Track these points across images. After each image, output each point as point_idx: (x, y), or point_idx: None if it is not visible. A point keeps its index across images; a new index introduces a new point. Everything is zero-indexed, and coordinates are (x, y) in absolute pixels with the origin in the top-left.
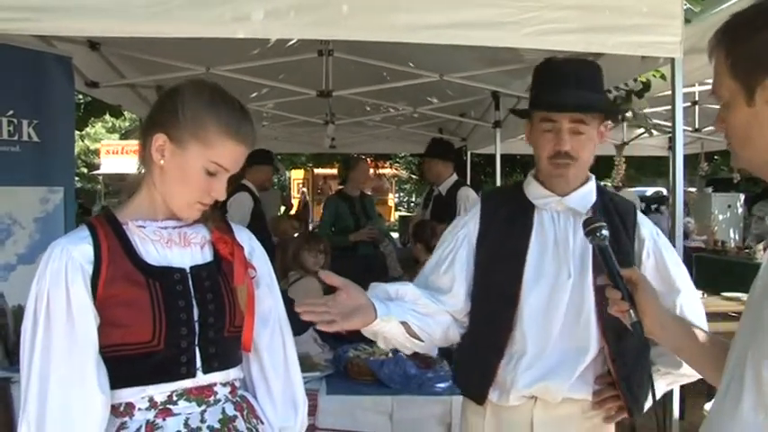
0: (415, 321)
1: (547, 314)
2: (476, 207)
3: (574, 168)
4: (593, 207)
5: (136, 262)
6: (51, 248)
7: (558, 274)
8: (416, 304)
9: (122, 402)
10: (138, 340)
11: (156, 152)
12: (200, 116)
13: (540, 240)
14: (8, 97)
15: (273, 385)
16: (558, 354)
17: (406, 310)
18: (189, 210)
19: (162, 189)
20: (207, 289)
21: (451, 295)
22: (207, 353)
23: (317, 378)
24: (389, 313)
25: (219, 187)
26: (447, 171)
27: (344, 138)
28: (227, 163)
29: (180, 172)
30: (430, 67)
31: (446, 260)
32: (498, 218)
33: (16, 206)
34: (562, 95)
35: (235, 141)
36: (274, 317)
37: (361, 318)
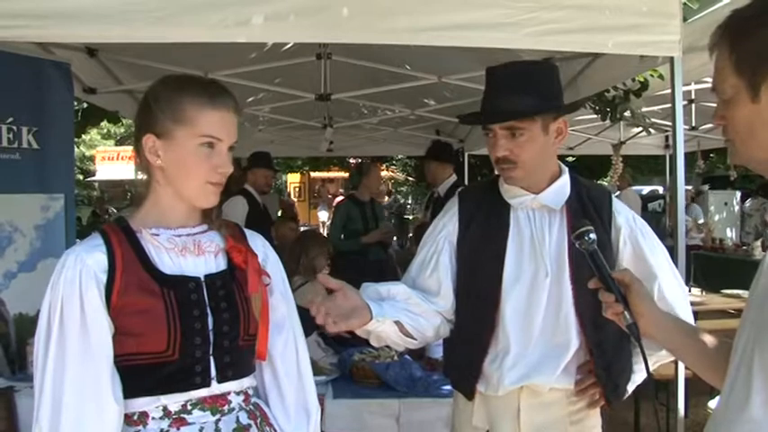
0: (408, 321)
1: (527, 313)
2: (453, 207)
3: (519, 171)
4: (567, 202)
5: (150, 270)
6: (65, 256)
7: (536, 273)
8: (408, 303)
9: (136, 411)
10: (152, 350)
11: (150, 155)
12: (173, 101)
13: (517, 240)
14: (8, 105)
15: (286, 392)
16: (540, 350)
17: (399, 310)
18: (204, 195)
19: (171, 188)
20: (221, 298)
21: (440, 297)
22: (221, 362)
23: (322, 382)
24: (384, 314)
25: (221, 161)
26: (446, 172)
27: (342, 141)
28: (216, 131)
29: (178, 162)
30: (427, 69)
31: (430, 263)
32: (476, 218)
33: (17, 213)
34: (488, 104)
35: (213, 108)
36: (288, 324)
37: (358, 319)
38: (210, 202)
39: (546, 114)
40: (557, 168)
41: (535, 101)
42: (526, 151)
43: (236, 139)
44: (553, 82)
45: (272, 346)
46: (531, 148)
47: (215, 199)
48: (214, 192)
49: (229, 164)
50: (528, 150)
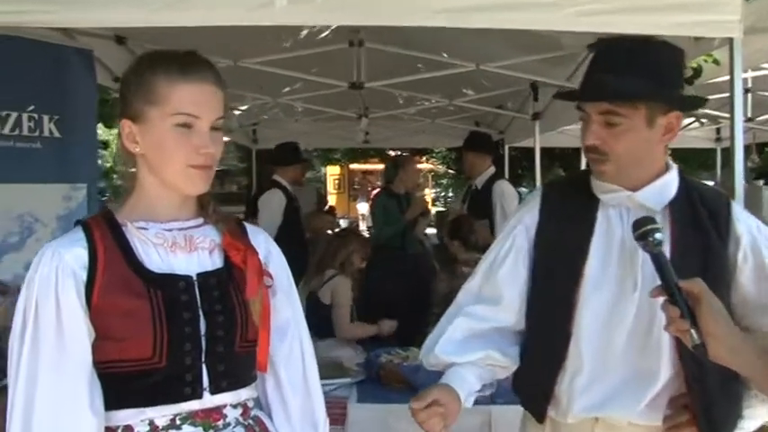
0: (488, 377)
1: (608, 328)
2: (535, 198)
3: (610, 165)
4: (671, 203)
5: (135, 268)
6: (42, 251)
7: (622, 282)
8: (493, 366)
9: (120, 425)
10: (136, 356)
11: (128, 142)
12: (143, 81)
13: (605, 241)
14: (28, 92)
15: (291, 403)
16: (621, 376)
17: (482, 374)
18: (188, 181)
19: (155, 177)
20: (215, 299)
21: (504, 307)
22: (215, 371)
23: (347, 384)
24: (471, 392)
25: (202, 141)
26: (484, 164)
27: (379, 132)
28: (189, 108)
29: (156, 146)
30: (465, 56)
31: (505, 261)
32: (559, 212)
33: (38, 204)
34: (586, 81)
35: (184, 82)
36: (293, 328)
37: (452, 414)
38: (198, 189)
39: (654, 103)
40: (662, 166)
41: (643, 84)
42: (621, 144)
43: (219, 114)
44: (673, 66)
45: (275, 353)
46: (629, 142)
47: (203, 184)
48: (200, 176)
49: (211, 145)
50: (624, 143)
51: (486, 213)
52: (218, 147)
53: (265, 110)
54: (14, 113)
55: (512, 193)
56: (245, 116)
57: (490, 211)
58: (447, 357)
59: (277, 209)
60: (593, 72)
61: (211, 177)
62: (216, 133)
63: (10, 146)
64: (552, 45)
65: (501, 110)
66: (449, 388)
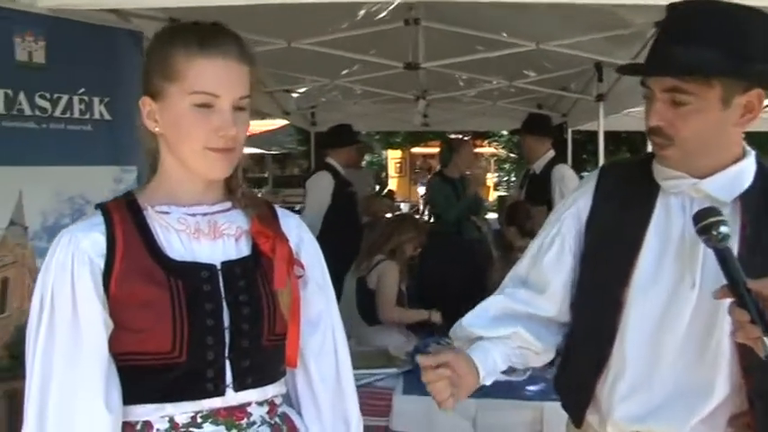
0: (517, 361)
1: (658, 330)
2: (590, 181)
3: (675, 150)
4: (744, 194)
5: (155, 256)
6: (59, 236)
7: (679, 280)
8: (523, 346)
9: (139, 420)
10: (155, 350)
11: (149, 120)
12: (162, 55)
13: (662, 232)
14: (79, 75)
15: (322, 400)
16: (671, 386)
17: (510, 353)
18: (208, 164)
19: (175, 158)
20: (241, 290)
21: (548, 296)
22: (239, 366)
23: (393, 375)
24: (494, 371)
25: (222, 121)
26: (543, 148)
27: (438, 115)
28: (208, 86)
29: (174, 125)
30: (525, 35)
31: (551, 247)
32: (615, 196)
33: (89, 186)
34: (654, 53)
35: (203, 57)
36: (326, 320)
37: (467, 386)
38: (218, 173)
39: (732, 79)
40: (737, 152)
41: (719, 57)
42: (689, 126)
43: (243, 93)
44: (757, 36)
45: (306, 347)
46: (697, 124)
47: (223, 169)
48: (220, 159)
49: (235, 125)
50: (692, 125)
51: (545, 199)
52: (241, 128)
53: (324, 92)
54: (65, 96)
55: (572, 177)
56: (303, 99)
57: (549, 197)
58: (473, 330)
59: (325, 191)
60: (660, 42)
61: (234, 161)
62: (240, 113)
63: (61, 128)
64: (617, 22)
65: (563, 91)
66: (468, 359)
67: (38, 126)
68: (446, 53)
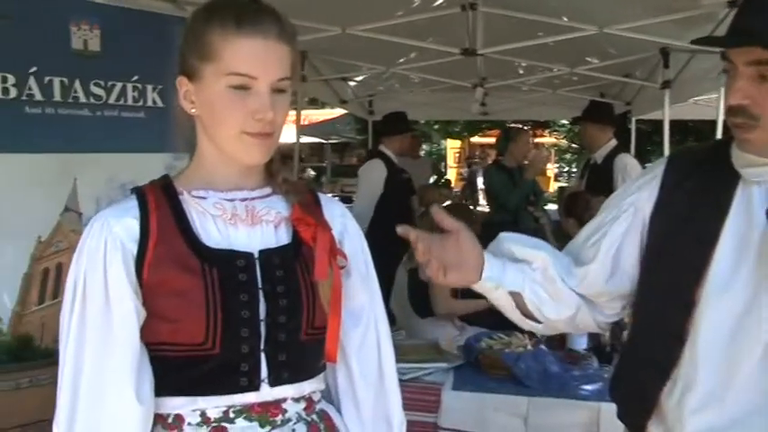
0: (531, 297)
1: (735, 338)
2: (657, 168)
3: (760, 133)
4: None
5: (190, 242)
6: (93, 220)
7: (760, 281)
8: (544, 276)
9: (171, 413)
10: (187, 341)
11: (185, 101)
12: (198, 33)
13: (742, 226)
14: (133, 62)
15: (363, 398)
16: (749, 402)
17: (526, 280)
18: (244, 149)
19: (211, 142)
20: (279, 280)
21: (587, 272)
22: (275, 361)
23: (443, 369)
24: (500, 279)
25: (259, 104)
26: (604, 137)
27: (497, 104)
28: (245, 66)
29: (209, 107)
30: (587, 19)
31: (600, 230)
32: (684, 186)
33: (141, 173)
34: (734, 22)
35: (240, 36)
36: (369, 314)
37: (463, 275)
38: (254, 159)
39: None
40: None
41: None
42: None
43: (283, 74)
44: None
45: (347, 342)
46: None
47: (260, 155)
48: (257, 145)
49: (273, 108)
50: None
51: (606, 189)
52: (279, 112)
53: (381, 81)
54: (119, 84)
55: (636, 166)
56: (360, 87)
57: (610, 187)
58: (503, 241)
59: (377, 180)
60: (743, 11)
61: (272, 147)
62: (279, 96)
63: (115, 116)
64: (686, 3)
65: (627, 78)
66: (477, 250)
67: (92, 113)
68: (505, 39)
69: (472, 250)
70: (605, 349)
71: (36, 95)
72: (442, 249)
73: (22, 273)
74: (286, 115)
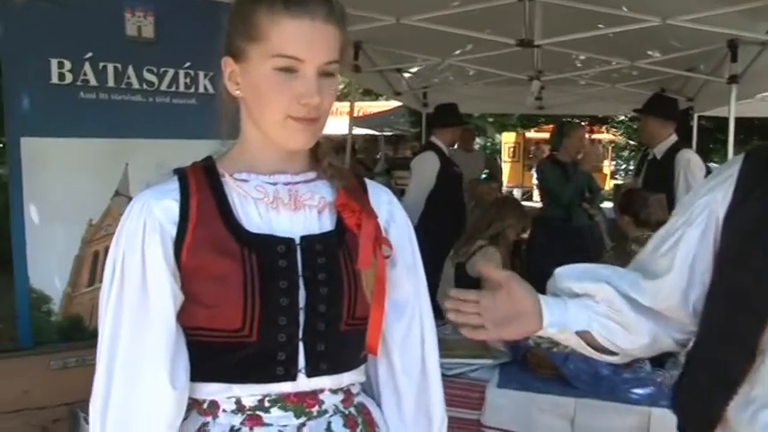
0: (601, 332)
1: None
2: (732, 167)
3: None
4: None
5: (230, 226)
6: (132, 202)
7: None
8: (609, 308)
9: (207, 399)
10: (225, 327)
11: (230, 82)
12: (245, 13)
13: None
14: (185, 49)
15: (404, 394)
16: None
17: (591, 317)
18: (288, 134)
19: (255, 125)
20: (320, 267)
21: (662, 284)
22: (314, 351)
23: (489, 366)
24: (563, 324)
25: (306, 88)
26: (665, 131)
27: (553, 98)
28: (292, 49)
29: (254, 90)
30: (650, 10)
31: (671, 237)
32: (762, 186)
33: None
34: None
35: (288, 16)
36: (414, 306)
37: (522, 326)
38: (298, 144)
39: None
40: None
41: None
42: None
43: (332, 57)
44: None
45: (390, 334)
46: None
47: (304, 140)
48: (302, 130)
49: (320, 92)
50: None
51: (665, 186)
52: (326, 97)
53: (435, 72)
54: (172, 70)
55: (699, 164)
56: (415, 79)
57: (669, 185)
58: (560, 278)
59: (429, 172)
60: None
61: (318, 132)
62: (327, 80)
63: (167, 102)
64: None
65: (691, 72)
66: (532, 297)
67: (144, 100)
68: (562, 30)
69: (527, 298)
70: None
71: (91, 81)
72: (494, 307)
73: (73, 255)
74: (333, 100)
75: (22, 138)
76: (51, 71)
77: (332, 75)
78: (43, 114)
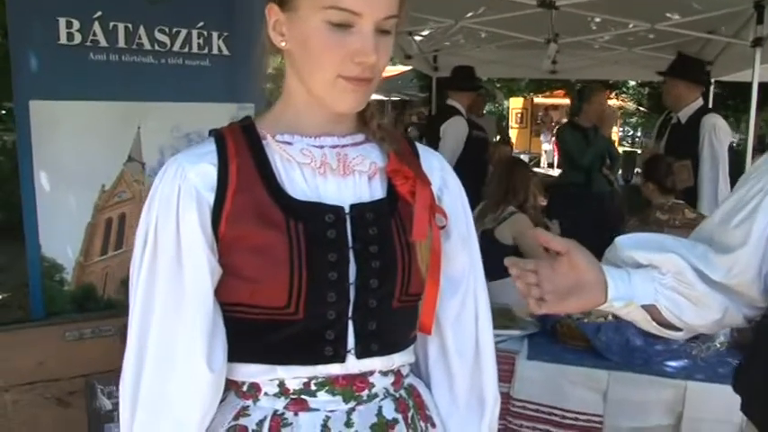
0: (668, 306)
1: None
2: None
3: None
4: None
5: (273, 193)
6: (166, 165)
7: None
8: (677, 281)
9: (246, 381)
10: (268, 303)
11: (274, 33)
12: None
13: None
14: (198, 9)
15: (457, 374)
16: None
17: (658, 291)
18: (337, 95)
19: (301, 83)
20: (372, 239)
21: (737, 258)
22: (364, 329)
23: (516, 337)
24: (629, 296)
25: (362, 45)
26: (691, 95)
27: (567, 62)
28: (348, 1)
29: (303, 44)
30: None
31: (745, 207)
32: None
33: (206, 123)
34: None
35: None
36: (469, 281)
37: (585, 299)
38: (349, 106)
39: None
40: None
41: None
42: None
43: (390, 12)
44: None
45: (443, 311)
46: None
47: (356, 102)
48: (353, 91)
49: (375, 51)
50: None
51: (690, 152)
52: (383, 55)
53: (447, 35)
54: (184, 30)
55: (725, 129)
56: (425, 42)
57: (693, 150)
58: (621, 248)
59: (461, 137)
60: None
61: (369, 94)
62: (383, 38)
63: (180, 64)
64: None
65: (713, 35)
66: (596, 268)
67: (156, 61)
68: None
69: (590, 269)
70: None
71: (100, 41)
72: (553, 277)
73: (85, 223)
74: (388, 61)
75: (31, 101)
76: (59, 31)
77: (389, 32)
78: (52, 76)
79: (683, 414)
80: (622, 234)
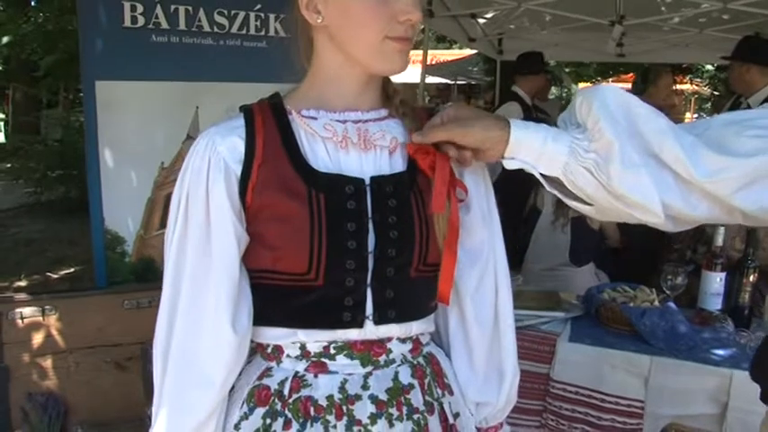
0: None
1: None
2: None
3: None
4: None
5: (297, 165)
6: (198, 139)
7: None
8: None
9: (270, 344)
10: (290, 269)
11: (308, 11)
12: None
13: None
14: None
15: (476, 344)
16: None
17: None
18: (384, 56)
19: (338, 56)
20: (391, 210)
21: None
22: (382, 297)
23: (560, 319)
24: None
25: (405, 5)
26: (763, 80)
27: (635, 45)
28: None
29: (343, 14)
30: None
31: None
32: None
33: None
34: None
35: None
36: (488, 253)
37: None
38: (396, 67)
39: None
40: None
41: None
42: None
43: None
44: None
45: (462, 282)
46: None
47: (402, 62)
48: (399, 51)
49: (418, 10)
50: None
51: None
52: (419, 14)
53: (511, 18)
54: (242, 12)
55: None
56: (490, 25)
57: None
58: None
59: None
60: None
61: (409, 54)
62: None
63: (237, 45)
64: None
65: None
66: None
67: (215, 42)
68: None
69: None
70: (743, 312)
71: (162, 24)
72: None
73: (145, 198)
74: (421, 19)
75: (97, 81)
76: (124, 14)
77: None
78: (116, 58)
79: (729, 404)
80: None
